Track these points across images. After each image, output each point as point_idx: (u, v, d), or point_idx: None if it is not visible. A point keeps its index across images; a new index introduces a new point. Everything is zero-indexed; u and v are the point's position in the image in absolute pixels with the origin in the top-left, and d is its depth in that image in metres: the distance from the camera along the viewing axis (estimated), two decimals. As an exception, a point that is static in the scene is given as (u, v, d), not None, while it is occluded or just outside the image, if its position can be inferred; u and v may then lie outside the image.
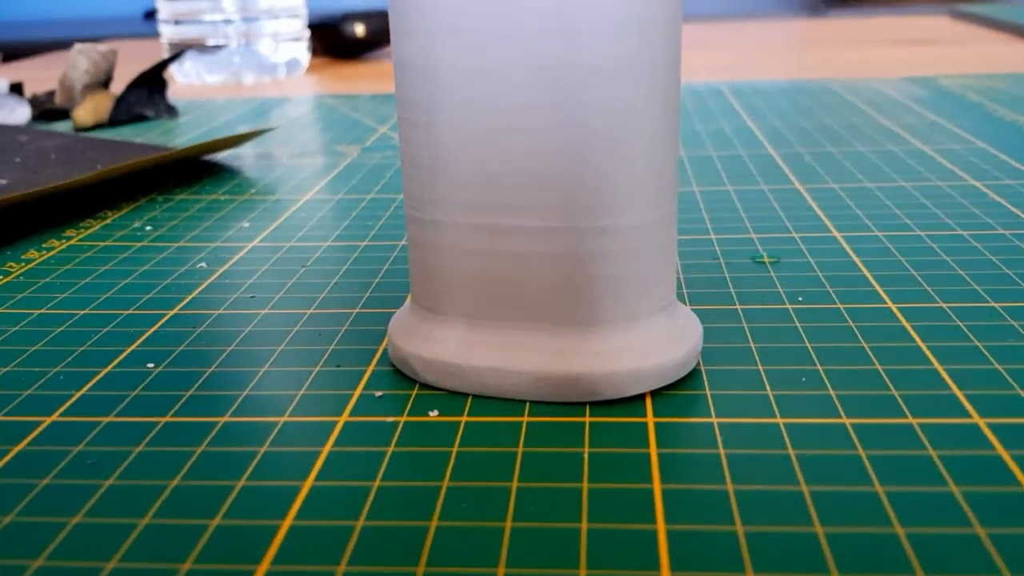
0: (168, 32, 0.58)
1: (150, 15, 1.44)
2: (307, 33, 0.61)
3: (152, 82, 0.45)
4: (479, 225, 0.16)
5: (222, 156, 0.37)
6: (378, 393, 0.17)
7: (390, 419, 0.16)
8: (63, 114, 0.46)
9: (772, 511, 0.13)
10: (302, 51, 0.60)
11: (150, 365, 0.18)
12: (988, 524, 0.13)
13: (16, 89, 0.48)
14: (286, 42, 0.59)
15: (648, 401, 0.16)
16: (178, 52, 0.49)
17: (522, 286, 0.16)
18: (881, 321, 0.19)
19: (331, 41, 0.65)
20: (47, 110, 0.45)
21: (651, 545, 0.12)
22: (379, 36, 0.65)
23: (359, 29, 0.64)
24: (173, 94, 0.55)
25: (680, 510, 0.13)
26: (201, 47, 0.57)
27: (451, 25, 0.15)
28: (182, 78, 0.58)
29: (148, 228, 0.28)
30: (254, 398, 0.17)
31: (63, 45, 1.20)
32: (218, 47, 0.57)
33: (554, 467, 0.14)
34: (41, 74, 0.68)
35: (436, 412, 0.16)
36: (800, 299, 0.21)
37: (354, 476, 0.14)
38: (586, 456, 0.15)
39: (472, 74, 0.15)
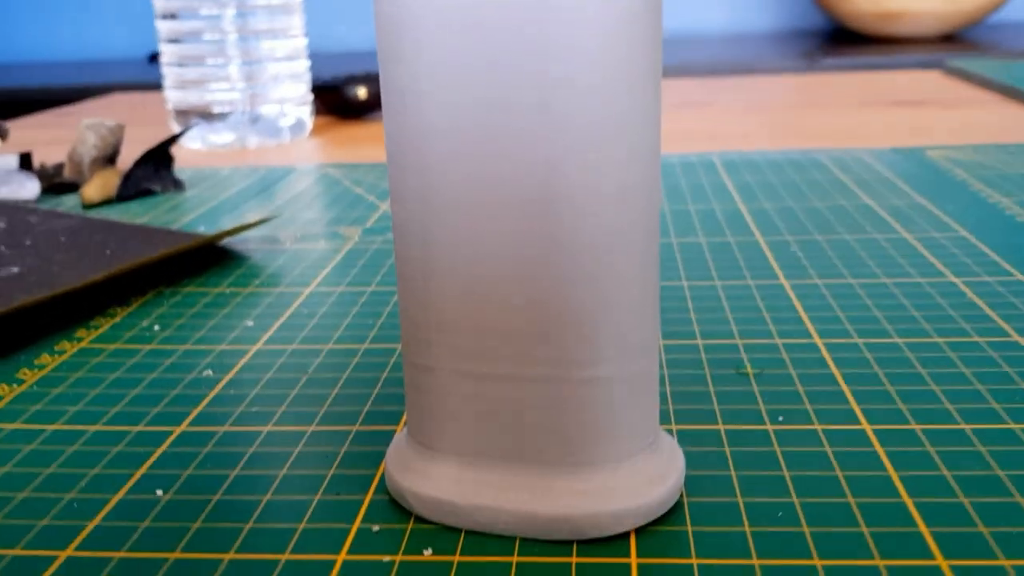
0: (174, 98, 0.59)
1: (154, 58, 1.46)
2: (311, 97, 0.63)
3: (159, 158, 0.46)
4: (472, 372, 0.17)
5: (229, 239, 0.38)
6: (375, 527, 0.18)
7: (386, 558, 0.17)
8: (72, 187, 0.47)
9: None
10: (306, 114, 0.62)
11: (159, 492, 0.19)
12: None
13: (25, 161, 0.49)
14: (291, 105, 0.60)
15: (632, 540, 0.17)
16: (184, 129, 0.50)
17: (513, 428, 0.17)
18: (856, 446, 0.20)
19: (334, 103, 0.67)
20: (56, 184, 0.47)
21: None
22: (380, 98, 0.66)
23: (361, 92, 0.65)
24: (178, 157, 0.56)
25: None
26: (207, 114, 0.58)
27: (449, 199, 0.16)
28: (187, 141, 0.60)
29: (156, 327, 0.29)
30: (258, 532, 0.18)
31: (66, 93, 1.21)
32: (224, 114, 0.58)
33: (540, 615, 0.15)
34: (46, 135, 0.69)
35: (430, 551, 0.17)
36: (780, 419, 0.22)
37: (352, 624, 0.15)
38: (571, 603, 0.16)
39: (466, 240, 0.16)
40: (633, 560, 0.17)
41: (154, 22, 1.63)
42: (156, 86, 1.18)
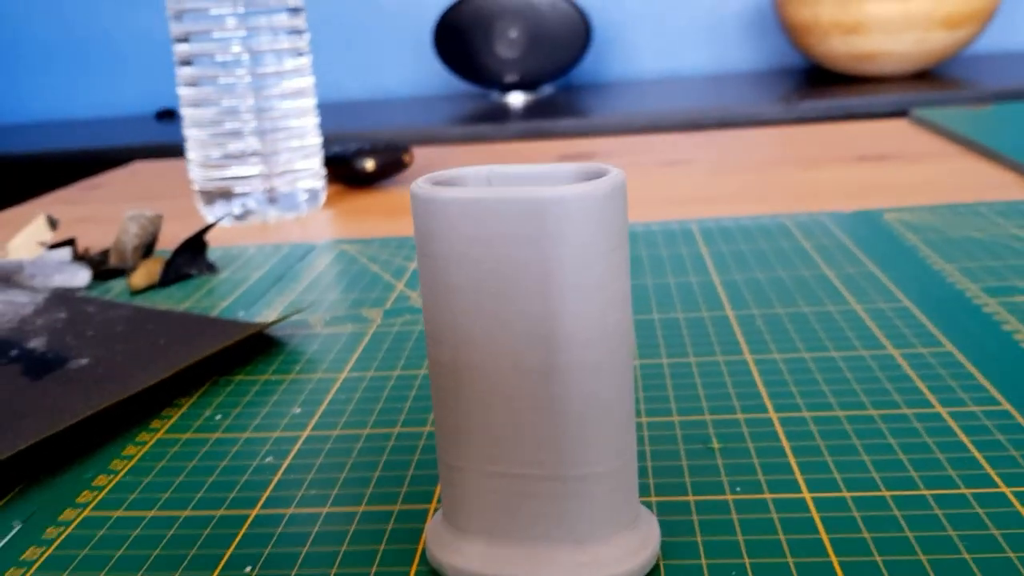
0: (198, 178, 0.65)
1: (163, 115, 1.52)
2: (324, 171, 0.68)
3: (194, 246, 0.51)
4: (492, 472, 0.23)
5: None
6: (422, 593, 0.23)
7: (433, 618, 0.22)
8: (117, 273, 0.53)
9: None
10: (320, 186, 0.67)
11: (248, 569, 0.25)
12: None
13: (71, 246, 0.54)
14: (306, 180, 0.66)
15: (619, 597, 0.22)
16: (217, 220, 0.56)
17: (526, 514, 0.23)
18: (796, 512, 0.26)
19: (344, 173, 0.72)
20: (103, 271, 0.52)
21: None
22: (386, 169, 0.72)
23: (369, 164, 0.71)
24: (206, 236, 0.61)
25: None
26: (228, 194, 0.64)
27: (471, 343, 0.22)
28: (212, 219, 0.65)
29: (218, 417, 0.34)
30: (331, 599, 0.23)
31: (81, 156, 1.27)
32: (244, 194, 0.63)
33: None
34: (76, 213, 0.74)
35: (466, 611, 0.22)
36: (738, 489, 0.27)
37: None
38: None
39: (484, 374, 0.22)
40: (620, 614, 0.22)
41: (169, 80, 1.69)
42: (170, 148, 1.24)
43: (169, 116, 1.55)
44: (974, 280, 0.43)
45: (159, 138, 1.29)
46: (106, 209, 0.75)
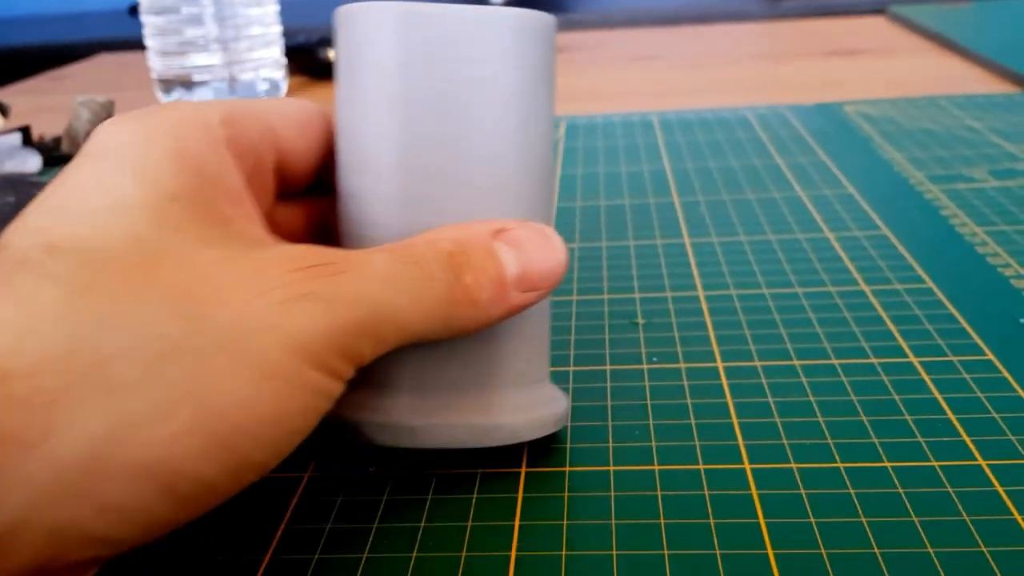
0: (157, 66, 0.64)
1: (134, 10, 1.48)
2: (285, 60, 0.67)
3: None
4: None
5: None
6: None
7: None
8: (69, 159, 0.52)
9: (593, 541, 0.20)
10: (281, 77, 0.66)
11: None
12: None
13: (25, 134, 0.54)
14: (267, 69, 0.65)
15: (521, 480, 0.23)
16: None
17: (452, 362, 0.22)
18: (706, 379, 0.26)
19: (307, 63, 0.71)
20: (55, 156, 0.52)
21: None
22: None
23: (332, 54, 0.70)
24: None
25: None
26: (188, 82, 0.63)
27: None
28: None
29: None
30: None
31: (50, 50, 1.24)
32: (203, 82, 0.63)
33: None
34: (37, 103, 0.73)
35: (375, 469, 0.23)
36: (655, 359, 0.28)
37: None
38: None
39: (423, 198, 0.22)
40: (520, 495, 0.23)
41: (131, -30, 1.65)
42: (138, 43, 1.21)
43: (143, 11, 1.51)
44: (920, 168, 0.43)
45: (129, 32, 1.27)
46: (66, 100, 0.74)
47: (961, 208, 0.38)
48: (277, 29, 0.66)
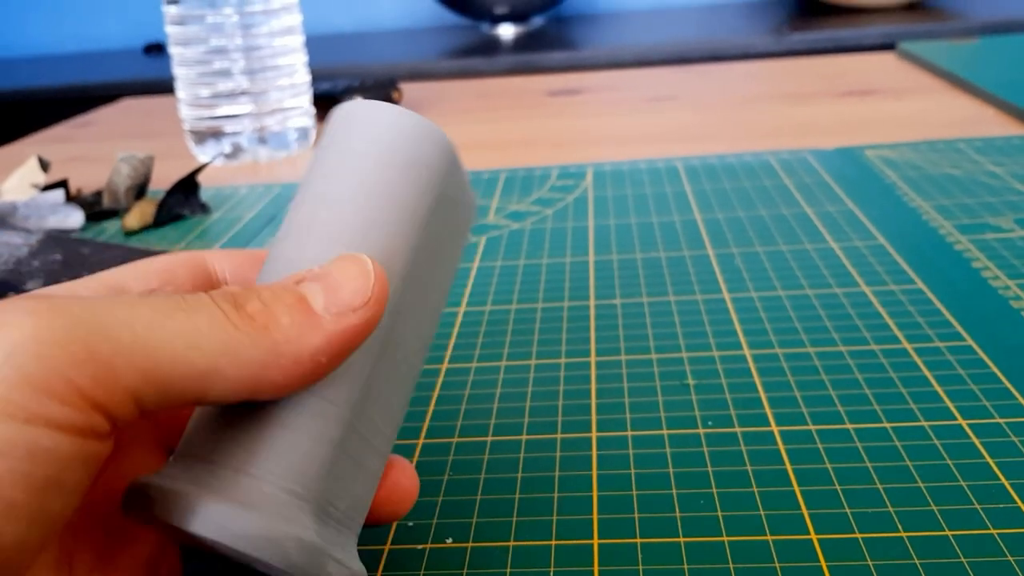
0: (188, 117, 0.65)
1: (151, 49, 1.50)
2: (313, 109, 0.68)
3: (187, 186, 0.52)
4: None
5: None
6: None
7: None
8: (110, 214, 0.53)
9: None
10: (310, 124, 0.68)
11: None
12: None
13: (63, 188, 0.55)
14: (295, 118, 0.66)
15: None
16: (208, 161, 0.56)
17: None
18: (764, 445, 0.27)
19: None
20: (97, 212, 0.53)
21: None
22: (375, 106, 0.72)
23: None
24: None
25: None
26: (219, 133, 0.64)
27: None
28: (204, 159, 0.66)
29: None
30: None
31: (69, 92, 1.26)
32: (235, 133, 0.64)
33: None
34: (68, 152, 0.75)
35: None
36: (710, 423, 0.28)
37: None
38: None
39: None
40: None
41: (157, 13, 1.67)
42: (159, 84, 1.23)
43: (158, 50, 1.53)
44: (948, 217, 0.44)
45: (148, 73, 1.29)
46: (97, 148, 0.75)
47: (991, 260, 0.39)
48: (306, 79, 0.67)
